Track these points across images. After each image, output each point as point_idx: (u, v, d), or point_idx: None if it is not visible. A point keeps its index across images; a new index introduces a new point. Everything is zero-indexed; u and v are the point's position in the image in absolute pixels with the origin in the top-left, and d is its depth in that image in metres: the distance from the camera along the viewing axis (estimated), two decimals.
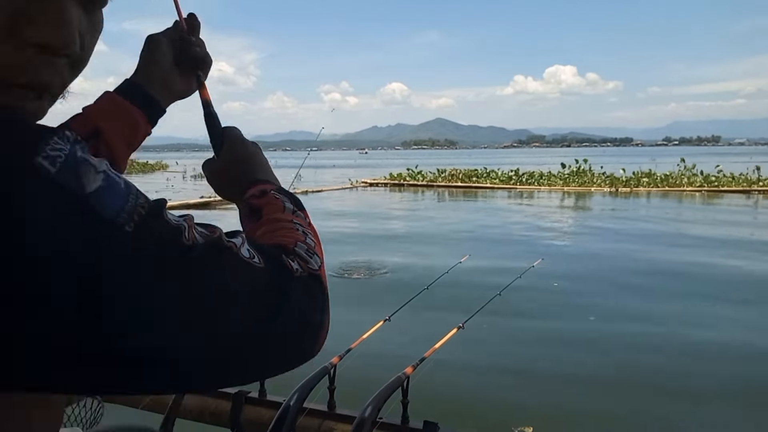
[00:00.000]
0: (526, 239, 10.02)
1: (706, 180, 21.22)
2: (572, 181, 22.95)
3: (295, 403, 1.42)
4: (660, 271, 7.26)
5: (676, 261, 7.83)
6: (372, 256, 8.14)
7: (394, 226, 12.12)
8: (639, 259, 8.04)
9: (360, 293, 6.11)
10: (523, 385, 3.85)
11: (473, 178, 24.90)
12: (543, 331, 4.93)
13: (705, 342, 4.61)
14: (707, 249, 8.79)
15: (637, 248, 8.94)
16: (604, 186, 21.37)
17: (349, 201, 18.61)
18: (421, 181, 25.39)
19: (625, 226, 11.55)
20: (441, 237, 10.37)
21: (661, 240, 9.79)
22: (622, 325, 5.06)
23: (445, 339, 1.99)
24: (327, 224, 11.42)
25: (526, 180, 24.00)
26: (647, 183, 21.37)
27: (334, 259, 7.60)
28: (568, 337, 4.76)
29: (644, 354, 4.38)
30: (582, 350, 4.47)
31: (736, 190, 19.32)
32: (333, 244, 8.88)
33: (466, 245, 9.17)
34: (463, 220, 13.00)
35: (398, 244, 9.63)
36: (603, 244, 9.51)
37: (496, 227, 11.51)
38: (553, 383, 3.86)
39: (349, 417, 1.42)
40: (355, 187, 24.44)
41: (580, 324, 5.12)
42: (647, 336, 4.76)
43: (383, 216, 13.96)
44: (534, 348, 4.55)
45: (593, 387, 3.79)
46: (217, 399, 1.55)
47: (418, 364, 1.61)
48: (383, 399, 1.43)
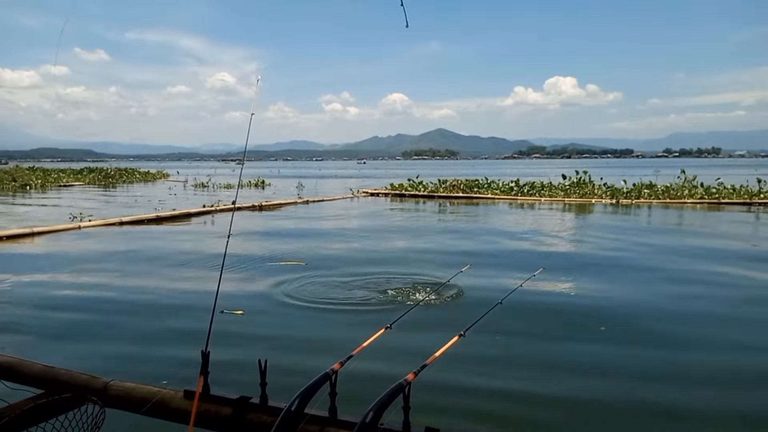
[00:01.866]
0: (528, 249, 10.02)
1: (707, 192, 21.30)
2: (573, 192, 23.01)
3: (297, 409, 1.42)
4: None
5: (685, 270, 7.83)
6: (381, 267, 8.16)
7: (394, 241, 12.13)
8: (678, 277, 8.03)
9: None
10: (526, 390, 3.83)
11: (474, 189, 24.95)
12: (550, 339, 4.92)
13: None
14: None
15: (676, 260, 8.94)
16: (605, 197, 21.40)
17: (353, 210, 18.62)
18: (422, 191, 25.42)
19: (658, 241, 11.54)
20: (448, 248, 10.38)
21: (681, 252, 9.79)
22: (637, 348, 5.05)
23: (446, 347, 1.99)
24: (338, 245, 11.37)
25: (527, 191, 24.06)
26: (648, 195, 21.44)
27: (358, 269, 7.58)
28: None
29: (651, 375, 4.36)
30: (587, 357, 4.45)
31: (737, 202, 19.35)
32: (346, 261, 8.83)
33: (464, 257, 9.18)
34: (470, 229, 13.01)
35: (399, 235, 9.63)
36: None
37: (498, 236, 11.51)
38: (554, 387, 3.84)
39: (350, 423, 1.42)
40: (356, 197, 24.49)
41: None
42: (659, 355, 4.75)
43: (385, 227, 13.97)
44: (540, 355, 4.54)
45: (594, 387, 3.77)
46: (218, 405, 1.55)
47: (419, 371, 1.61)
48: (385, 405, 1.43)
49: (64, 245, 10.47)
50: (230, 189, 29.10)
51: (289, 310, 5.83)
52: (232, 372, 3.51)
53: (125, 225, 13.47)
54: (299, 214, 17.17)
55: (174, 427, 1.58)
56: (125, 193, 28.03)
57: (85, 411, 1.53)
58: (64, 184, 33.89)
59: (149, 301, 6.21)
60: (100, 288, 6.88)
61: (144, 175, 44.01)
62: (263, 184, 33.39)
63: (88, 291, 6.78)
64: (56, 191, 28.61)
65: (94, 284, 7.13)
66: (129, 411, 1.61)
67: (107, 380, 1.67)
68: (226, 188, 29.98)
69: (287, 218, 15.85)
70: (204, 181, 34.77)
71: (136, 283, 7.12)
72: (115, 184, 35.76)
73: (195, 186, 32.73)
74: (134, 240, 11.27)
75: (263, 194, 25.50)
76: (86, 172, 43.64)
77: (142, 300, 6.24)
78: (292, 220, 15.27)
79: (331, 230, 13.03)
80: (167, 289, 6.80)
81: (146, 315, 5.68)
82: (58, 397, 1.40)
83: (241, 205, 18.03)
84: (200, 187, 32.01)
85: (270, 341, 4.85)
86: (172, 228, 13.46)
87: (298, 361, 4.09)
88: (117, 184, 35.81)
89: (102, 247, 10.34)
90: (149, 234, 12.26)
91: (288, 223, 14.56)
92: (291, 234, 12.32)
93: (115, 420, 1.62)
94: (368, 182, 36.51)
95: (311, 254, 9.29)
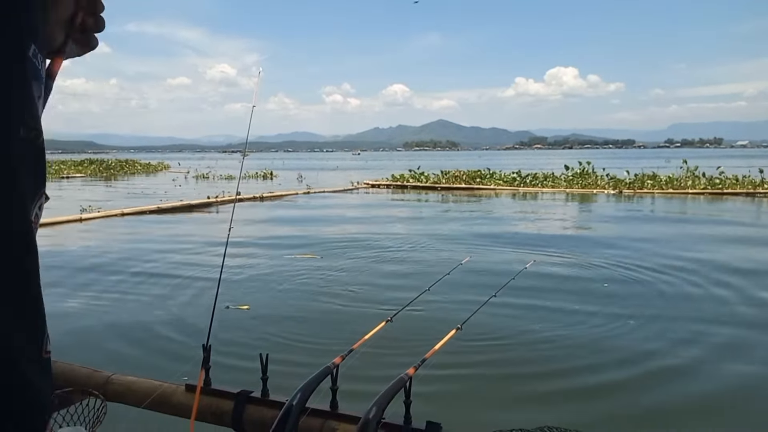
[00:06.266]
0: (528, 238, 10.02)
1: (710, 182, 21.23)
2: (576, 182, 22.97)
3: (298, 403, 1.41)
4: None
5: (683, 257, 7.83)
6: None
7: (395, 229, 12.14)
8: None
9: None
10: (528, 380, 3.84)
11: (476, 180, 24.89)
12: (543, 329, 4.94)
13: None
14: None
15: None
16: (607, 188, 21.36)
17: (352, 200, 18.60)
18: (424, 182, 25.35)
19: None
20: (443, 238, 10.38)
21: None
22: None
23: (444, 340, 1.98)
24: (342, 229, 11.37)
25: (529, 182, 24.01)
26: (651, 185, 21.38)
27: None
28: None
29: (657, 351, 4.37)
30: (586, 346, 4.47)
31: (740, 193, 19.29)
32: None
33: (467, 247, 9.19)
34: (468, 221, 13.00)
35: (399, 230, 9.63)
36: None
37: (499, 227, 11.51)
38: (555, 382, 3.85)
39: (351, 417, 1.41)
40: (357, 188, 24.45)
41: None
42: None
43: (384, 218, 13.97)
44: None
45: (595, 387, 3.78)
46: (219, 398, 1.55)
47: (420, 365, 1.61)
48: (387, 400, 1.43)
49: (67, 238, 10.50)
50: (243, 180, 29.02)
51: (297, 302, 5.84)
52: (234, 364, 3.52)
53: (127, 216, 13.51)
54: (300, 203, 17.20)
55: (175, 420, 1.58)
56: (128, 184, 28.02)
57: (86, 405, 1.53)
58: (65, 176, 33.87)
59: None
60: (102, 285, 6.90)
61: (145, 167, 43.97)
62: (271, 176, 33.33)
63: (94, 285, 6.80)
64: (57, 182, 28.61)
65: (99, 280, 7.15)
66: (130, 405, 1.61)
67: (108, 374, 1.67)
68: (228, 179, 29.93)
69: (292, 208, 15.88)
70: (204, 173, 34.73)
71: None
72: (116, 176, 35.74)
73: (195, 178, 32.68)
74: (150, 230, 11.29)
75: (269, 185, 25.48)
76: (87, 163, 43.60)
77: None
78: (296, 210, 15.32)
79: (334, 217, 13.06)
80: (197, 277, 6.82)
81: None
82: (60, 391, 1.40)
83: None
84: (201, 178, 31.97)
85: (275, 335, 4.86)
86: (201, 215, 13.49)
87: (301, 357, 4.10)
88: (118, 176, 35.78)
89: (104, 237, 10.36)
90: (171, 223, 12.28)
91: (293, 212, 14.59)
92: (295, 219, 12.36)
93: (117, 414, 1.62)
94: (371, 173, 36.43)
95: (319, 244, 9.31)
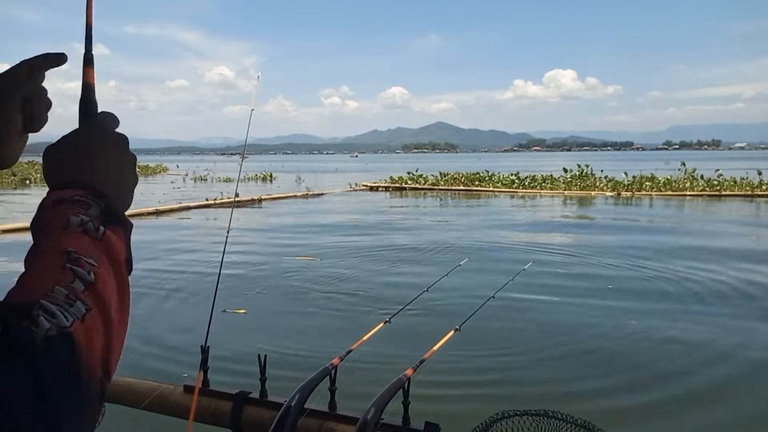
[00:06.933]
0: (527, 238, 10.03)
1: (709, 184, 21.24)
2: (574, 184, 22.98)
3: (296, 404, 1.42)
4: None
5: (673, 269, 7.83)
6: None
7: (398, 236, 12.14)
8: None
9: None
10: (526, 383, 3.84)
11: (475, 182, 24.90)
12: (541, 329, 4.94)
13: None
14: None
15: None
16: (606, 190, 21.37)
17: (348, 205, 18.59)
18: (422, 184, 25.34)
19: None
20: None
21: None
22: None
23: (443, 341, 1.99)
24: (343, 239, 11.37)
25: (528, 183, 24.02)
26: (649, 187, 21.39)
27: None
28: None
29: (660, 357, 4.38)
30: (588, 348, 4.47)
31: (738, 195, 19.31)
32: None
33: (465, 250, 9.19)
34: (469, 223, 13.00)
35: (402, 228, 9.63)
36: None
37: (497, 229, 11.51)
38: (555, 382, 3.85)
39: (349, 418, 1.42)
40: (356, 190, 24.44)
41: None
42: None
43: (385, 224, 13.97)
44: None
45: (595, 387, 3.78)
46: (217, 399, 1.55)
47: (418, 366, 1.61)
48: (386, 401, 1.43)
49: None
50: (242, 183, 28.99)
51: (296, 306, 5.84)
52: (233, 365, 3.52)
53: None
54: (299, 205, 17.19)
55: (173, 421, 1.58)
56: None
57: None
58: None
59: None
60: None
61: (144, 169, 43.91)
62: (271, 178, 33.32)
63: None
64: None
65: None
66: (129, 406, 1.61)
67: None
68: (227, 182, 29.92)
69: (291, 210, 15.88)
70: (203, 175, 34.71)
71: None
72: None
73: (194, 180, 32.66)
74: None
75: (267, 188, 25.46)
76: None
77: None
78: (293, 212, 15.31)
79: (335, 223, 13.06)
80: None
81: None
82: None
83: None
84: (199, 180, 31.96)
85: (273, 335, 4.85)
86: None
87: (301, 356, 4.10)
88: None
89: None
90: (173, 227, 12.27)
91: (292, 213, 14.58)
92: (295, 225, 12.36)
93: (115, 415, 1.63)
94: (370, 176, 36.41)
95: (318, 245, 9.31)
